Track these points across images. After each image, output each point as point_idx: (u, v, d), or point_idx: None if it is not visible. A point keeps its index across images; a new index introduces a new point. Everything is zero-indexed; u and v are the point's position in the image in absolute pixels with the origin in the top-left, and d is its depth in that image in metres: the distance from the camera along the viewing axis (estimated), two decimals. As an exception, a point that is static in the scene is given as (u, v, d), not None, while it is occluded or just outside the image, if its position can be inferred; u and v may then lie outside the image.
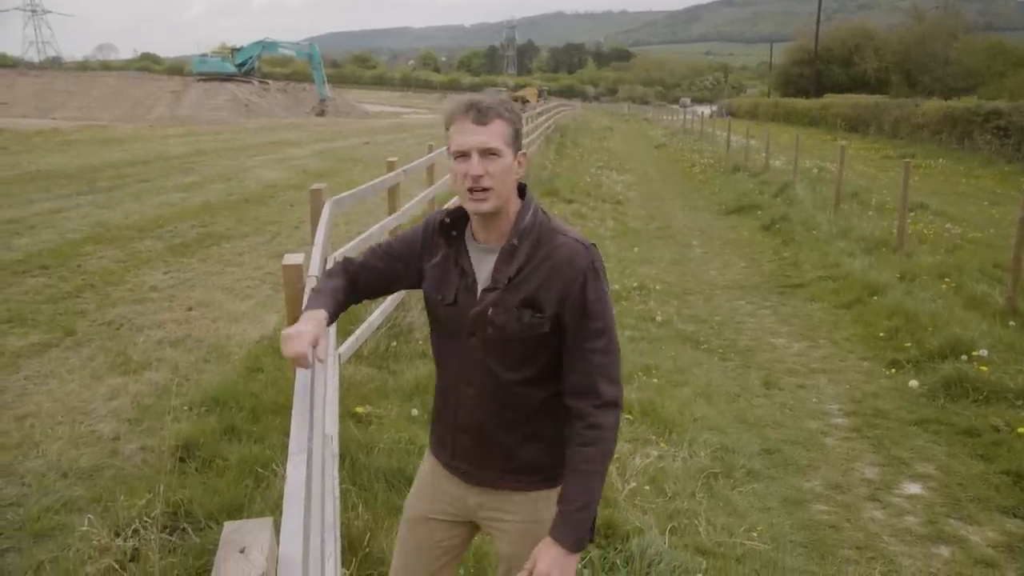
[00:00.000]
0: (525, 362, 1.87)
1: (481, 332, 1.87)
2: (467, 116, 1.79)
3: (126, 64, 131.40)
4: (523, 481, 1.99)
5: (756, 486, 4.34)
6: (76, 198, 13.66)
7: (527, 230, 1.85)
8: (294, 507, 1.21)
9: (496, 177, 1.78)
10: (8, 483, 4.13)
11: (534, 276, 1.83)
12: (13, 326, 6.68)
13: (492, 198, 1.80)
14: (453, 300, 1.91)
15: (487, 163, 1.78)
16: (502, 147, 1.79)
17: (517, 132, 1.83)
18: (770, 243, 11.62)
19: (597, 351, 1.84)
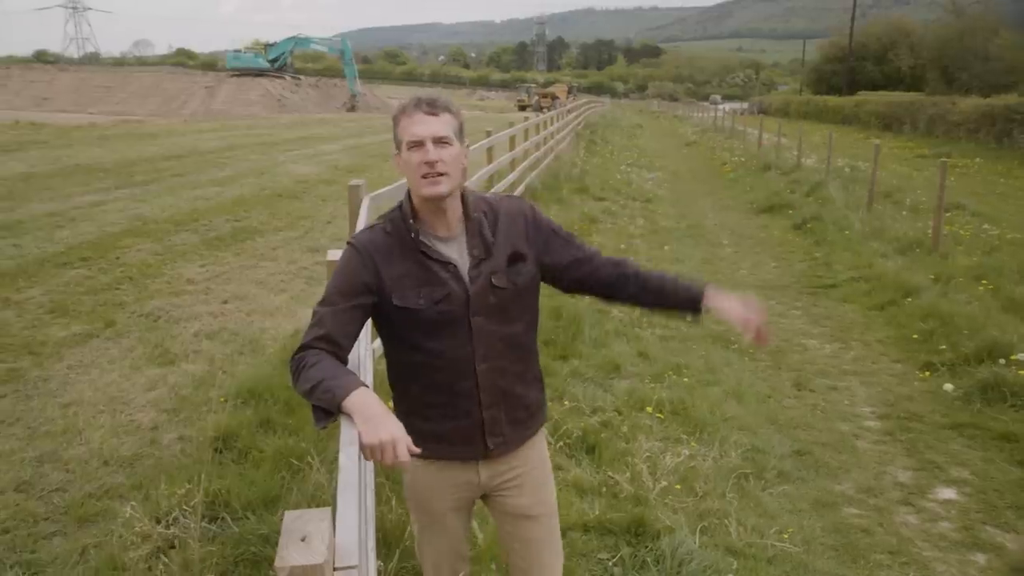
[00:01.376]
0: (526, 310, 2.11)
1: (484, 305, 1.99)
2: (419, 108, 1.93)
3: (161, 60, 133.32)
4: (533, 426, 2.20)
5: (787, 487, 4.33)
6: (114, 192, 13.92)
7: (476, 203, 2.05)
8: (350, 497, 1.25)
9: (449, 163, 1.92)
10: (53, 469, 4.25)
11: (506, 235, 2.04)
12: (56, 317, 6.84)
13: (446, 182, 1.92)
14: (447, 294, 1.96)
15: (440, 150, 1.91)
16: (452, 135, 1.93)
17: (461, 126, 1.99)
18: (801, 243, 11.52)
19: (584, 247, 2.18)
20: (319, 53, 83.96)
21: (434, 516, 2.23)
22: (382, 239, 1.99)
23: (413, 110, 1.93)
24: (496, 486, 2.19)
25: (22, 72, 74.33)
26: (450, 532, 2.26)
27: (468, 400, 2.04)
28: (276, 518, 3.52)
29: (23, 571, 3.34)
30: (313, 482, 3.81)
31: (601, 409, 5.01)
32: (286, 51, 68.05)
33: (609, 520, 3.71)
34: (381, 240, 1.99)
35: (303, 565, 1.02)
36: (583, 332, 6.39)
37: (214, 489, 3.73)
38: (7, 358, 5.85)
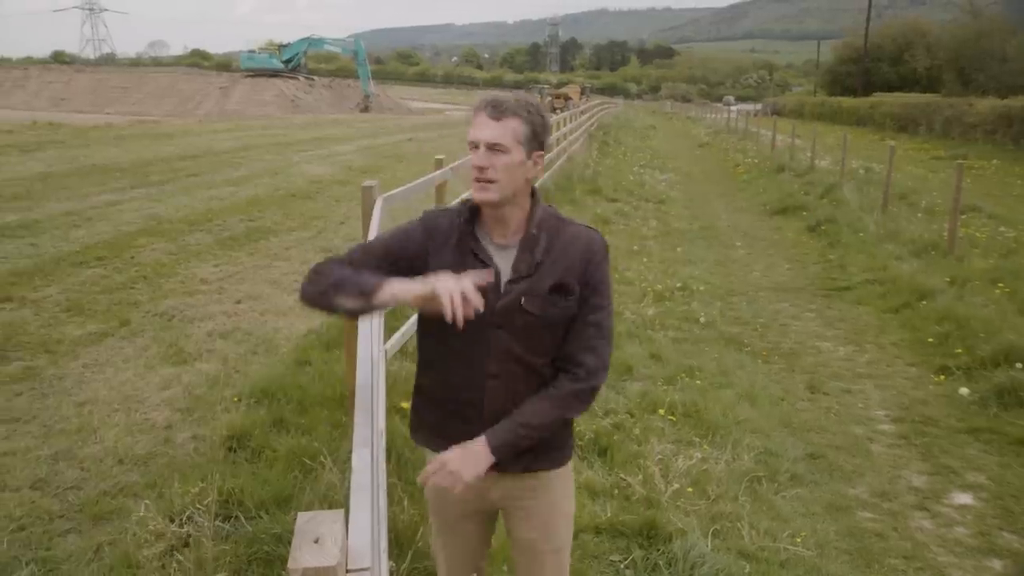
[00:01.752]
0: (553, 345, 1.96)
1: (510, 323, 1.91)
2: (484, 111, 1.87)
3: (176, 60, 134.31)
4: (545, 460, 2.07)
5: (800, 491, 4.31)
6: (130, 191, 14.01)
7: (543, 221, 1.95)
8: (362, 499, 1.25)
9: (499, 171, 1.85)
10: (69, 467, 4.28)
11: (559, 262, 1.92)
12: (72, 315, 6.90)
13: (494, 190, 1.86)
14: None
15: (492, 156, 1.85)
16: (510, 144, 1.85)
17: (535, 132, 1.89)
18: (815, 245, 11.46)
19: (591, 324, 1.95)
20: (333, 54, 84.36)
21: (448, 521, 2.22)
22: (447, 224, 1.97)
23: (479, 111, 1.89)
24: (508, 507, 2.16)
25: (40, 73, 75.02)
26: (463, 539, 2.24)
27: (472, 409, 1.99)
28: (289, 518, 3.53)
29: (38, 568, 3.36)
30: (325, 482, 3.83)
31: (613, 411, 5.00)
32: (300, 52, 68.35)
33: (621, 522, 3.70)
34: (445, 225, 1.97)
35: (316, 567, 1.02)
36: (595, 334, 6.37)
37: (227, 488, 3.74)
38: (24, 356, 5.90)
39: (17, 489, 4.02)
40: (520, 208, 1.94)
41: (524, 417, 1.91)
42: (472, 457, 1.86)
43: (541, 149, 1.93)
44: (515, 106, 1.87)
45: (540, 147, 1.93)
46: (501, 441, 1.89)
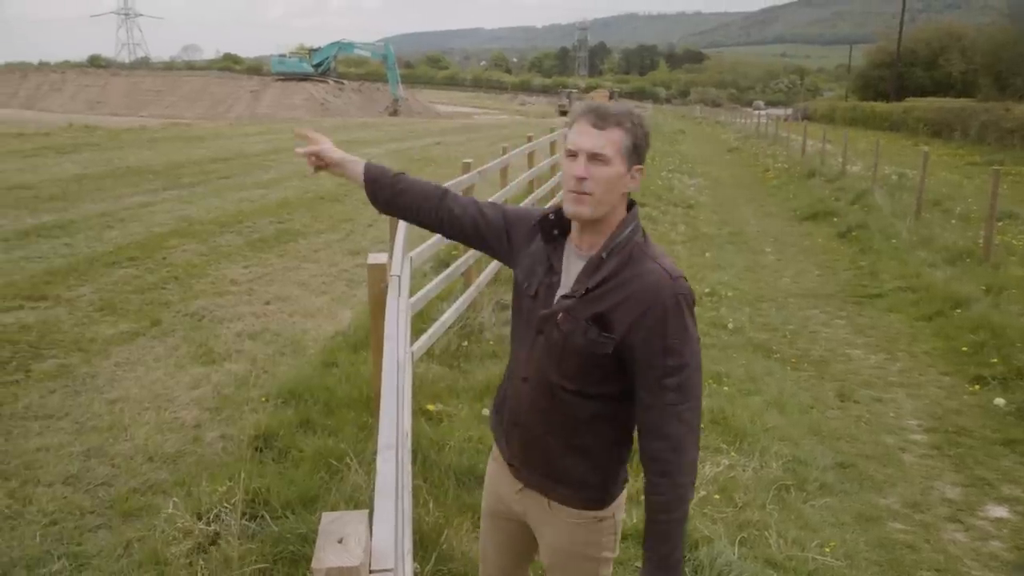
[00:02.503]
0: (580, 374, 1.84)
1: (548, 334, 1.86)
2: (587, 118, 1.77)
3: (209, 64, 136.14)
4: (564, 494, 1.94)
5: (829, 500, 4.25)
6: (162, 193, 14.21)
7: (620, 245, 1.80)
8: (386, 500, 1.25)
9: (599, 183, 1.75)
10: (100, 463, 4.34)
11: (612, 295, 1.78)
12: (105, 314, 7.00)
13: (590, 203, 1.76)
14: (535, 293, 1.91)
15: (592, 167, 1.74)
16: (612, 155, 1.75)
17: (636, 145, 1.78)
18: (846, 251, 11.32)
19: (669, 389, 1.75)
20: (362, 58, 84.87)
21: (487, 509, 2.21)
22: (549, 221, 1.93)
23: (581, 118, 1.79)
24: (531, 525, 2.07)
25: (77, 77, 76.52)
26: (490, 535, 2.21)
27: (504, 406, 2.03)
28: (314, 518, 3.55)
29: (70, 563, 3.41)
30: (351, 483, 3.84)
31: (639, 416, 4.96)
32: (330, 56, 68.99)
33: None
34: (547, 227, 1.93)
35: (339, 567, 1.02)
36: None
37: (254, 487, 3.77)
38: (58, 354, 6.00)
39: (50, 484, 4.09)
40: (609, 224, 1.82)
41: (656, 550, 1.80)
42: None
43: (641, 163, 1.82)
44: (620, 116, 1.77)
45: (640, 160, 1.81)
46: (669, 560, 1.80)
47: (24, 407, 5.03)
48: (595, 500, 1.94)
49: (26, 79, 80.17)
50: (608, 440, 1.91)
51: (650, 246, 1.85)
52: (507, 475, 2.07)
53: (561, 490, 1.94)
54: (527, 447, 1.97)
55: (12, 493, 3.99)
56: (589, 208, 1.77)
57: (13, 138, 24.67)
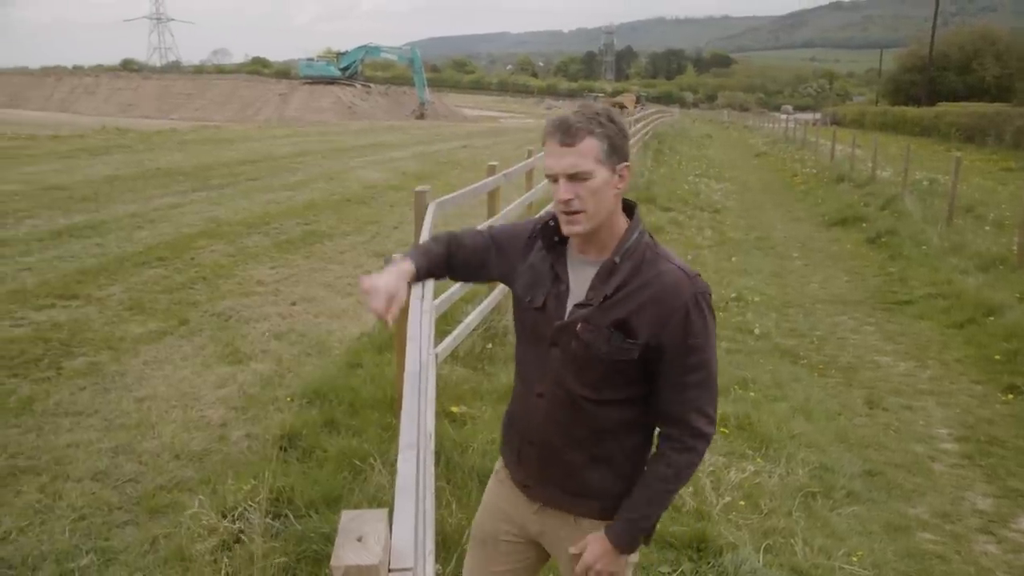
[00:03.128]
0: (603, 383, 1.80)
1: (565, 345, 1.80)
2: (554, 137, 1.71)
3: (238, 68, 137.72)
4: (585, 506, 1.91)
5: (857, 508, 4.19)
6: (191, 194, 14.38)
7: (631, 249, 1.77)
8: (406, 500, 1.25)
9: (587, 199, 1.70)
10: (128, 460, 4.39)
11: (631, 299, 1.74)
12: (134, 313, 7.09)
13: (584, 220, 1.72)
14: (542, 305, 1.84)
15: (576, 186, 1.70)
16: (591, 167, 1.69)
17: (613, 145, 1.72)
18: (875, 257, 11.18)
19: (691, 385, 1.77)
20: (389, 61, 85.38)
21: (484, 532, 2.12)
22: (548, 232, 1.88)
23: (549, 138, 1.72)
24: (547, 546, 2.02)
25: (110, 80, 77.73)
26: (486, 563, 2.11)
27: (522, 421, 1.96)
28: (337, 517, 3.56)
29: (98, 557, 3.46)
30: (375, 483, 3.86)
31: (664, 421, 4.92)
32: (357, 59, 69.43)
33: (670, 534, 3.64)
34: (547, 233, 1.89)
35: (358, 565, 1.02)
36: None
37: (278, 486, 3.80)
38: (88, 352, 6.08)
39: (79, 480, 4.14)
40: (610, 227, 1.78)
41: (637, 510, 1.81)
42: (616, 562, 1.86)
43: (625, 160, 1.76)
44: (585, 123, 1.69)
45: (623, 158, 1.75)
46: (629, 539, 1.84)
47: (55, 404, 5.11)
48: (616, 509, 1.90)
49: (61, 82, 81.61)
50: (630, 447, 1.88)
51: (659, 247, 1.83)
52: (519, 497, 2.00)
53: (586, 503, 1.91)
54: (545, 465, 1.92)
55: (43, 488, 4.05)
56: (585, 225, 1.74)
57: (49, 140, 25.11)
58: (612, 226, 1.79)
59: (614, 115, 1.76)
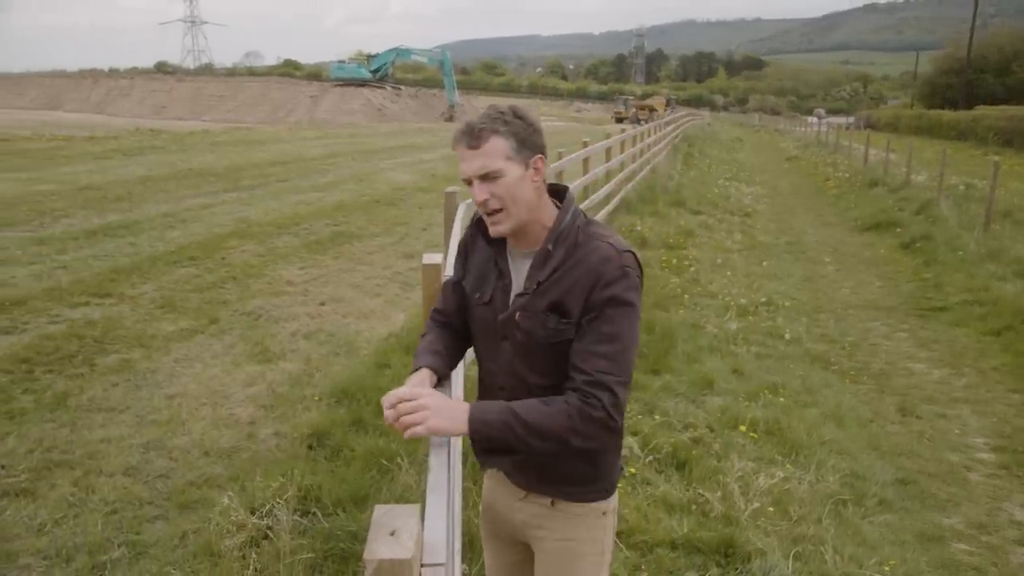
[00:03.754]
0: (553, 368, 1.76)
1: (512, 337, 1.80)
2: (461, 142, 1.71)
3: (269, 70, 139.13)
4: (559, 490, 1.90)
5: (889, 517, 4.12)
6: (222, 195, 14.56)
7: (563, 234, 1.76)
8: (438, 496, 1.25)
9: (504, 197, 1.70)
10: (158, 456, 4.45)
11: (563, 280, 1.73)
12: (166, 312, 7.19)
13: (505, 219, 1.73)
14: (489, 300, 1.85)
15: (489, 186, 1.70)
16: (500, 165, 1.69)
17: (521, 141, 1.70)
18: (909, 263, 11.00)
19: (599, 355, 1.66)
20: (419, 64, 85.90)
21: (485, 530, 2.13)
22: (477, 223, 1.91)
23: (458, 144, 1.73)
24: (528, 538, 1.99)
25: (144, 82, 79.01)
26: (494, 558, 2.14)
27: None
28: (365, 516, 3.58)
29: (129, 551, 3.50)
30: (402, 483, 3.87)
31: (693, 425, 4.89)
32: (388, 62, 69.96)
33: (698, 539, 3.61)
34: (475, 223, 1.92)
35: (391, 559, 1.01)
36: (676, 347, 6.27)
37: (306, 484, 3.82)
38: (121, 349, 6.17)
39: (111, 475, 4.20)
40: (539, 219, 1.78)
41: (516, 407, 1.65)
42: (449, 412, 1.63)
43: (538, 152, 1.74)
44: (488, 123, 1.70)
45: (536, 150, 1.74)
46: (482, 415, 1.63)
47: (88, 399, 5.19)
48: (596, 491, 1.92)
49: (97, 84, 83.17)
50: None
51: (595, 225, 1.81)
52: (507, 486, 1.99)
53: (560, 488, 1.90)
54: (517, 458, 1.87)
55: (76, 482, 4.11)
56: (508, 224, 1.74)
57: (84, 141, 25.56)
58: (541, 218, 1.79)
59: (521, 111, 1.75)
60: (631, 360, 1.71)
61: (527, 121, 1.74)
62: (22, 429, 4.69)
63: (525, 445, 1.63)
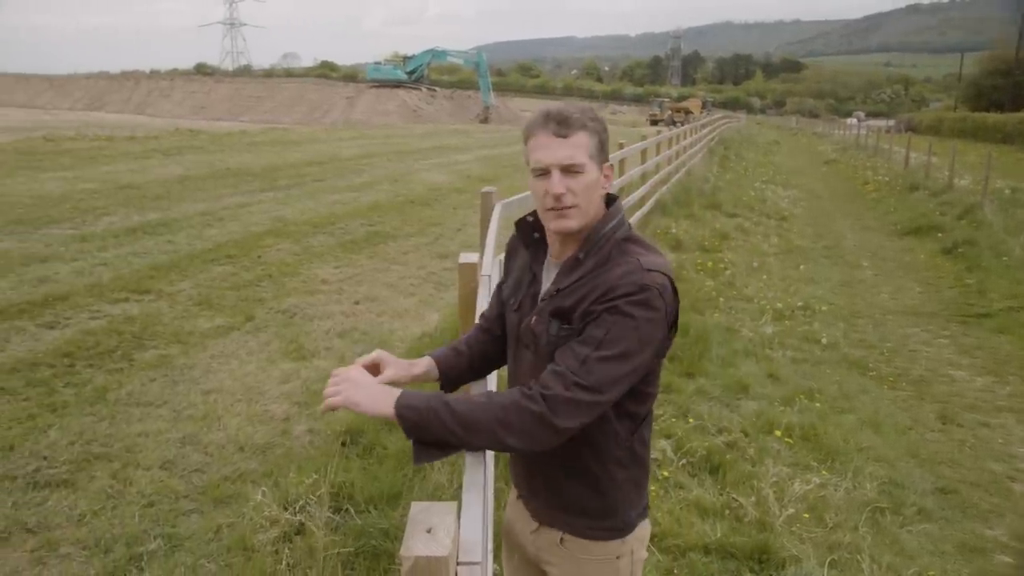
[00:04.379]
0: None
1: (530, 343, 1.72)
2: (547, 128, 1.62)
3: (306, 71, 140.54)
4: (573, 524, 1.79)
5: (928, 527, 4.03)
6: (259, 194, 14.73)
7: (598, 243, 1.65)
8: (475, 494, 1.24)
9: (580, 194, 1.62)
10: (194, 451, 4.50)
11: (580, 290, 1.62)
12: (203, 309, 7.29)
13: (576, 216, 1.64)
14: (518, 306, 1.79)
15: (569, 180, 1.61)
16: (585, 161, 1.62)
17: (602, 143, 1.66)
18: (951, 268, 10.78)
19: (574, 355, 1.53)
20: (455, 65, 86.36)
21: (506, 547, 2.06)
22: (526, 227, 1.83)
23: (540, 129, 1.63)
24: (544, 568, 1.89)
25: (184, 83, 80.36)
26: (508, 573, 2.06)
27: None
28: (397, 513, 3.59)
29: (164, 543, 3.55)
30: (434, 482, 3.87)
31: (727, 430, 4.83)
32: (423, 63, 70.34)
33: (731, 544, 3.57)
34: (525, 228, 1.84)
35: (428, 556, 1.01)
36: (710, 350, 6.20)
37: (339, 481, 3.85)
38: (159, 345, 6.27)
39: (148, 468, 4.27)
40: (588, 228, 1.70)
41: (451, 396, 1.55)
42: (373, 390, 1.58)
43: (607, 160, 1.70)
44: (581, 118, 1.62)
45: (607, 158, 1.69)
46: (409, 400, 1.52)
47: (127, 394, 5.28)
48: (607, 529, 1.77)
49: (139, 86, 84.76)
50: (608, 458, 1.72)
51: (634, 242, 1.68)
52: (523, 513, 1.92)
53: (568, 520, 1.79)
54: (531, 475, 1.84)
55: (115, 474, 4.18)
56: (577, 220, 1.65)
57: (125, 141, 26.04)
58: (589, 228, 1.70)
59: (599, 115, 1.69)
60: (612, 374, 1.53)
61: (605, 126, 1.68)
62: (63, 422, 4.78)
63: (455, 437, 1.49)
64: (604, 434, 1.69)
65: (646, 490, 1.83)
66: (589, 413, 1.54)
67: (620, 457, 1.73)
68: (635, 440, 1.74)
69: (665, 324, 1.60)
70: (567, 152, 1.60)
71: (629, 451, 1.74)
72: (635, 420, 1.72)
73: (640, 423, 1.74)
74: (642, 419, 1.74)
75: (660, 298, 1.57)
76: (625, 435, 1.72)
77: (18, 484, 4.04)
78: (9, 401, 5.08)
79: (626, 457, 1.74)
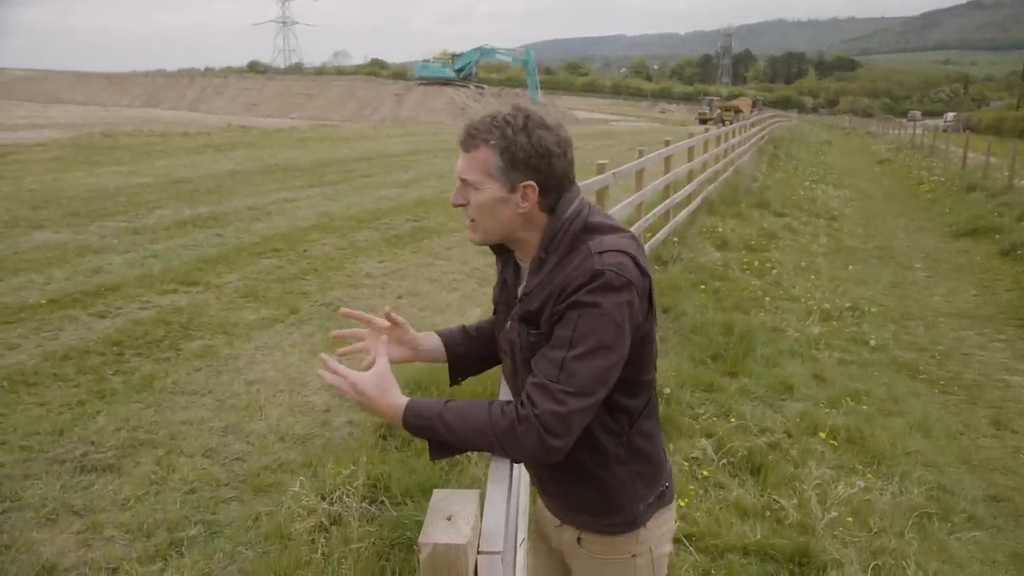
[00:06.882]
0: None
1: (509, 352, 1.69)
2: (460, 138, 1.57)
3: (356, 69, 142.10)
4: (583, 521, 1.76)
5: (979, 535, 3.90)
6: (307, 190, 14.93)
7: (555, 240, 1.56)
8: (498, 484, 1.23)
9: (474, 210, 1.56)
10: (236, 440, 4.57)
11: (544, 290, 1.55)
12: (248, 301, 7.40)
13: (475, 230, 1.60)
14: (494, 311, 1.82)
15: (467, 192, 1.56)
16: (478, 178, 1.53)
17: (514, 161, 1.51)
18: (1009, 271, 10.44)
19: (550, 360, 1.47)
20: (503, 63, 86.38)
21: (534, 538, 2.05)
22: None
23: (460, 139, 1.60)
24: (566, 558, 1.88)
25: (237, 81, 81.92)
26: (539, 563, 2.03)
27: None
28: (431, 505, 3.59)
29: (205, 529, 3.61)
30: (471, 475, 3.88)
31: (769, 430, 4.74)
32: (471, 61, 70.53)
33: (771, 546, 3.49)
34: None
35: (447, 543, 1.00)
36: (755, 350, 6.10)
37: (376, 473, 3.86)
38: (205, 335, 6.39)
39: (191, 455, 4.34)
40: (530, 236, 1.61)
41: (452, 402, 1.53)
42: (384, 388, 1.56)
43: (532, 178, 1.53)
44: (484, 131, 1.52)
45: (529, 175, 1.53)
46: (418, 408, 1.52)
47: (173, 382, 5.38)
48: (615, 524, 1.72)
49: (193, 83, 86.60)
50: (605, 457, 1.65)
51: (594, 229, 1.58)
52: (545, 509, 1.92)
53: (578, 518, 1.76)
54: (539, 477, 1.83)
55: (159, 461, 4.27)
56: (479, 236, 1.61)
57: (179, 137, 26.65)
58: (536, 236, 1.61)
59: (536, 125, 1.54)
60: (594, 370, 1.46)
61: (533, 140, 1.52)
62: (111, 408, 4.90)
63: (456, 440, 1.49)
64: (597, 432, 1.62)
65: (658, 481, 1.75)
66: (584, 417, 1.49)
67: (618, 454, 1.66)
68: (634, 434, 1.67)
69: (638, 301, 1.51)
70: (462, 166, 1.56)
71: (628, 446, 1.67)
72: (631, 414, 1.65)
73: (638, 416, 1.67)
74: (640, 411, 1.67)
75: (620, 277, 1.48)
76: (621, 431, 1.65)
77: (66, 468, 4.15)
78: (61, 387, 5.22)
79: (625, 453, 1.67)
